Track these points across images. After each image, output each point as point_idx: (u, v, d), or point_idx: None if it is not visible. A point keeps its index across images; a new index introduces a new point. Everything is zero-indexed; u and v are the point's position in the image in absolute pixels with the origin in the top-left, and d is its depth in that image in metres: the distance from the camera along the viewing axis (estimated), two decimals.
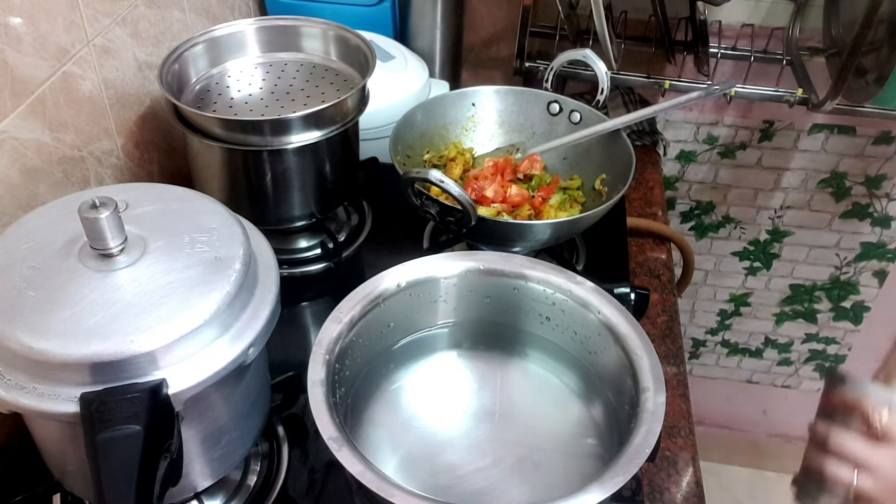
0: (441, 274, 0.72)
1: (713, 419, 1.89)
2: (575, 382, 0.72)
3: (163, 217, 0.58)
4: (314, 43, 0.93)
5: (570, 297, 0.69)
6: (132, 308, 0.51)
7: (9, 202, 0.68)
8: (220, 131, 0.78)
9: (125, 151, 0.86)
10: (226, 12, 1.08)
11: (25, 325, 0.49)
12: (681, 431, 0.77)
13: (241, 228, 0.59)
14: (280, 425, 0.73)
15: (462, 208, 0.77)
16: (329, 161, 0.86)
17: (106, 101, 0.81)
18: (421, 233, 0.97)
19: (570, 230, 0.86)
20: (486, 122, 0.99)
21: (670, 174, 1.47)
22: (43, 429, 0.57)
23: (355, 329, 0.66)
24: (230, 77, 0.89)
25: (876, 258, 1.55)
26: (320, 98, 0.85)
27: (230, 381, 0.56)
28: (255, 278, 0.58)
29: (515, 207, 0.89)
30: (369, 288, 0.68)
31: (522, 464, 0.66)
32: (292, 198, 0.86)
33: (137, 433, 0.47)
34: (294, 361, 0.73)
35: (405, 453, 0.67)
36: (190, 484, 0.60)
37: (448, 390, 0.73)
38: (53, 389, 0.49)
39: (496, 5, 1.25)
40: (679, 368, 0.83)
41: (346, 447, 0.55)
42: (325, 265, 0.92)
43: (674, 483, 0.72)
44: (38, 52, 0.69)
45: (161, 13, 0.90)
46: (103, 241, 0.52)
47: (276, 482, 0.69)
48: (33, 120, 0.70)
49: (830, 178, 1.44)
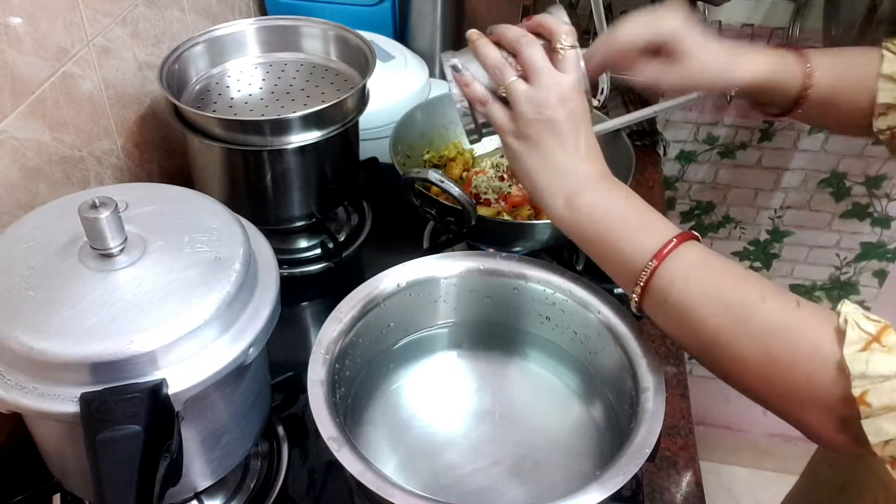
0: (441, 274, 0.72)
1: (713, 419, 1.89)
2: (575, 382, 0.72)
3: (163, 217, 0.58)
4: (314, 43, 0.93)
5: (570, 297, 0.69)
6: (132, 308, 0.51)
7: (9, 202, 0.68)
8: (220, 131, 0.78)
9: (125, 151, 0.86)
10: (226, 12, 1.08)
11: (25, 325, 0.49)
12: (681, 431, 0.76)
13: (241, 228, 0.59)
14: (280, 425, 0.73)
15: (462, 208, 0.77)
16: (329, 161, 0.86)
17: (106, 101, 0.81)
18: (421, 233, 0.97)
19: None
20: None
21: (670, 174, 1.47)
22: (43, 429, 0.57)
23: (355, 329, 0.66)
24: (230, 77, 0.89)
25: (876, 258, 1.55)
26: (320, 98, 0.85)
27: (230, 381, 0.56)
28: (255, 278, 0.58)
29: (515, 207, 0.89)
30: (369, 288, 0.68)
31: (522, 464, 0.66)
32: (292, 198, 0.86)
33: (137, 433, 0.47)
34: (294, 361, 0.73)
35: (405, 453, 0.67)
36: (190, 484, 0.60)
37: (448, 390, 0.73)
38: (53, 389, 0.49)
39: (496, 5, 1.25)
40: (679, 368, 0.83)
41: (346, 447, 0.55)
42: (325, 265, 0.92)
43: (674, 483, 0.72)
44: (38, 52, 0.69)
45: (161, 13, 0.90)
46: (103, 241, 0.52)
47: (276, 482, 0.69)
48: (33, 120, 0.70)
49: (830, 178, 1.44)
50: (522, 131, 0.59)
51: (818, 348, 0.47)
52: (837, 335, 0.47)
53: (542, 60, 0.59)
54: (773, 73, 0.67)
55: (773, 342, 0.49)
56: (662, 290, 0.54)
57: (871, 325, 0.46)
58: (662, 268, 0.54)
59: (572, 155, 0.59)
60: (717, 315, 0.52)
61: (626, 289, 0.57)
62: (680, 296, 0.53)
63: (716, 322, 0.52)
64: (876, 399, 0.44)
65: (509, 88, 0.59)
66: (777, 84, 0.68)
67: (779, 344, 0.49)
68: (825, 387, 0.47)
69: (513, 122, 0.60)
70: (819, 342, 0.47)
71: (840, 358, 0.46)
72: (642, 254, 0.55)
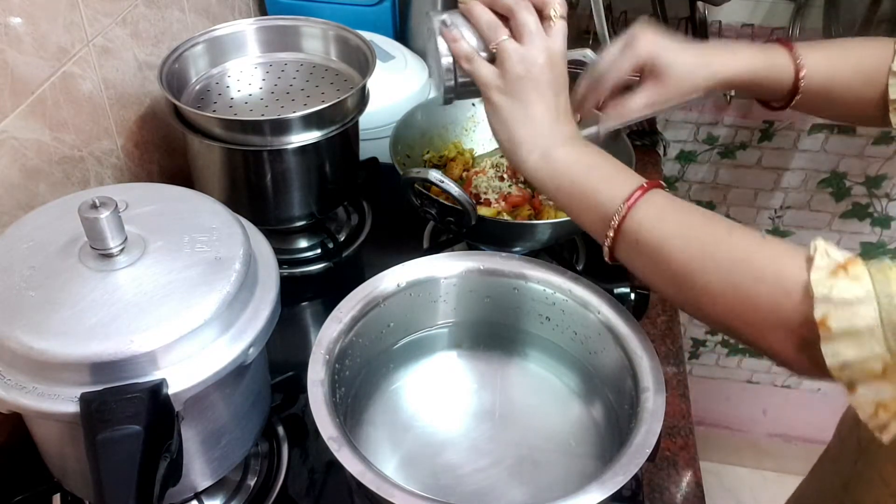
0: (441, 274, 0.72)
1: (713, 419, 1.89)
2: (575, 382, 0.72)
3: (163, 217, 0.58)
4: (314, 43, 0.93)
5: (570, 297, 0.69)
6: (132, 308, 0.51)
7: (9, 202, 0.68)
8: (220, 131, 0.78)
9: (125, 151, 0.86)
10: (226, 12, 1.08)
11: (25, 325, 0.49)
12: (681, 431, 0.77)
13: (241, 228, 0.59)
14: (280, 425, 0.73)
15: (462, 208, 0.77)
16: (329, 161, 0.86)
17: (106, 101, 0.81)
18: (421, 233, 0.97)
19: (570, 230, 0.86)
20: (486, 122, 0.98)
21: (670, 174, 1.47)
22: (43, 429, 0.57)
23: (355, 329, 0.66)
24: (230, 77, 0.89)
25: (876, 258, 1.55)
26: (320, 98, 0.85)
27: (230, 381, 0.56)
28: (255, 278, 0.58)
29: (515, 207, 0.89)
30: (369, 288, 0.68)
31: (522, 464, 0.66)
32: (292, 198, 0.86)
33: (137, 433, 0.47)
34: (294, 361, 0.73)
35: (405, 453, 0.67)
36: (190, 484, 0.60)
37: (448, 390, 0.73)
38: (53, 389, 0.49)
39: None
40: (679, 368, 0.83)
41: (346, 447, 0.55)
42: (325, 265, 0.92)
43: (674, 483, 0.72)
44: (38, 52, 0.69)
45: (161, 13, 0.90)
46: (103, 241, 0.52)
47: (276, 482, 0.69)
48: (33, 120, 0.70)
49: (830, 178, 1.44)
50: (509, 87, 0.62)
51: (782, 272, 0.49)
52: (806, 262, 0.48)
53: (536, 24, 0.62)
54: (758, 69, 0.69)
55: (739, 269, 0.51)
56: (633, 232, 0.57)
57: (839, 255, 0.48)
58: (633, 210, 0.56)
59: (553, 114, 0.62)
60: (685, 249, 0.54)
61: (600, 236, 0.59)
62: (650, 233, 0.56)
63: (684, 256, 0.54)
64: (836, 323, 0.46)
65: (501, 46, 0.62)
66: (765, 78, 0.69)
67: (745, 270, 0.51)
68: (788, 309, 0.48)
69: (500, 78, 0.62)
70: (784, 267, 0.49)
71: (806, 280, 0.47)
72: (615, 199, 0.57)
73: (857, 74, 0.70)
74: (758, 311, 0.50)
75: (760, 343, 0.52)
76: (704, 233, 0.54)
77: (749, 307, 0.51)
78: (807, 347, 0.48)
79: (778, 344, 0.51)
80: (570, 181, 0.61)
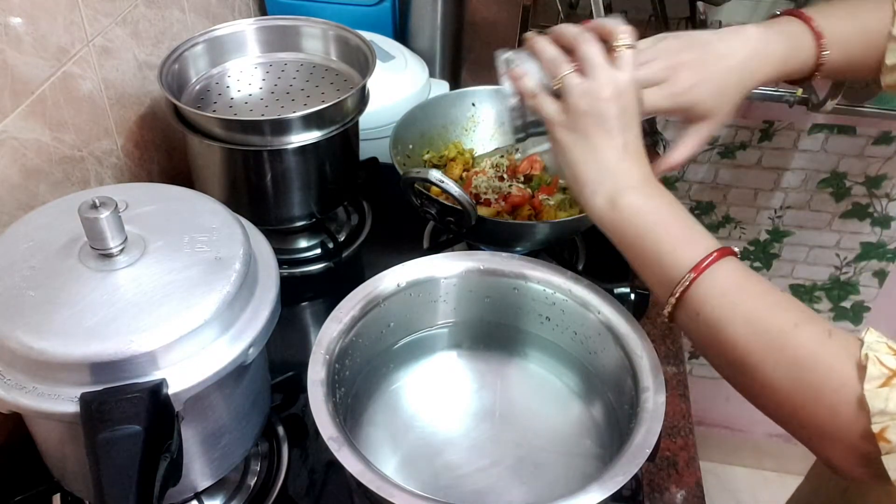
0: (441, 274, 0.72)
1: (713, 419, 1.88)
2: (575, 382, 0.72)
3: (163, 217, 0.58)
4: (314, 43, 0.93)
5: (569, 297, 0.69)
6: (132, 308, 0.51)
7: (9, 202, 0.68)
8: (220, 131, 0.78)
9: (125, 151, 0.86)
10: (226, 12, 1.08)
11: (25, 324, 0.49)
12: (681, 431, 0.76)
13: (241, 228, 0.59)
14: (280, 425, 0.73)
15: (462, 208, 0.77)
16: (329, 161, 0.86)
17: (106, 101, 0.81)
18: (421, 233, 0.97)
19: (570, 230, 0.86)
20: (486, 122, 0.99)
21: (670, 174, 1.47)
22: (43, 429, 0.57)
23: (355, 329, 0.66)
24: (230, 77, 0.89)
25: (876, 258, 1.55)
26: (320, 98, 0.85)
27: (230, 381, 0.56)
28: (255, 278, 0.58)
29: (515, 207, 0.88)
30: (369, 288, 0.68)
31: (522, 464, 0.66)
32: (292, 198, 0.86)
33: (137, 433, 0.47)
34: (294, 361, 0.73)
35: (405, 453, 0.67)
36: (190, 484, 0.60)
37: (448, 390, 0.73)
38: (53, 389, 0.49)
39: (496, 5, 1.25)
40: (679, 368, 0.83)
41: (346, 447, 0.55)
42: (325, 265, 0.92)
43: (674, 483, 0.72)
44: (38, 52, 0.69)
45: (161, 13, 0.90)
46: (103, 241, 0.52)
47: (276, 482, 0.69)
48: (33, 120, 0.70)
49: (830, 178, 1.44)
50: (573, 123, 0.59)
51: (843, 383, 0.47)
52: (858, 370, 0.46)
53: (600, 56, 0.59)
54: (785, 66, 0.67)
55: (801, 373, 0.49)
56: (697, 305, 0.54)
57: (892, 360, 0.46)
58: (699, 282, 0.53)
59: (620, 153, 0.59)
60: (748, 338, 0.51)
61: (661, 296, 0.57)
62: (714, 313, 0.53)
63: (746, 344, 0.51)
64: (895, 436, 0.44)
65: (564, 80, 0.59)
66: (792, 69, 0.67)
67: (806, 375, 0.49)
68: (847, 422, 0.47)
69: (564, 113, 0.60)
70: (845, 377, 0.47)
71: (860, 394, 0.45)
72: (681, 264, 0.54)
73: (862, 38, 0.67)
74: (817, 418, 0.48)
75: (818, 449, 0.50)
76: (771, 324, 0.51)
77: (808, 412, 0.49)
78: (868, 461, 0.47)
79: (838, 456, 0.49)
80: (633, 234, 0.57)
